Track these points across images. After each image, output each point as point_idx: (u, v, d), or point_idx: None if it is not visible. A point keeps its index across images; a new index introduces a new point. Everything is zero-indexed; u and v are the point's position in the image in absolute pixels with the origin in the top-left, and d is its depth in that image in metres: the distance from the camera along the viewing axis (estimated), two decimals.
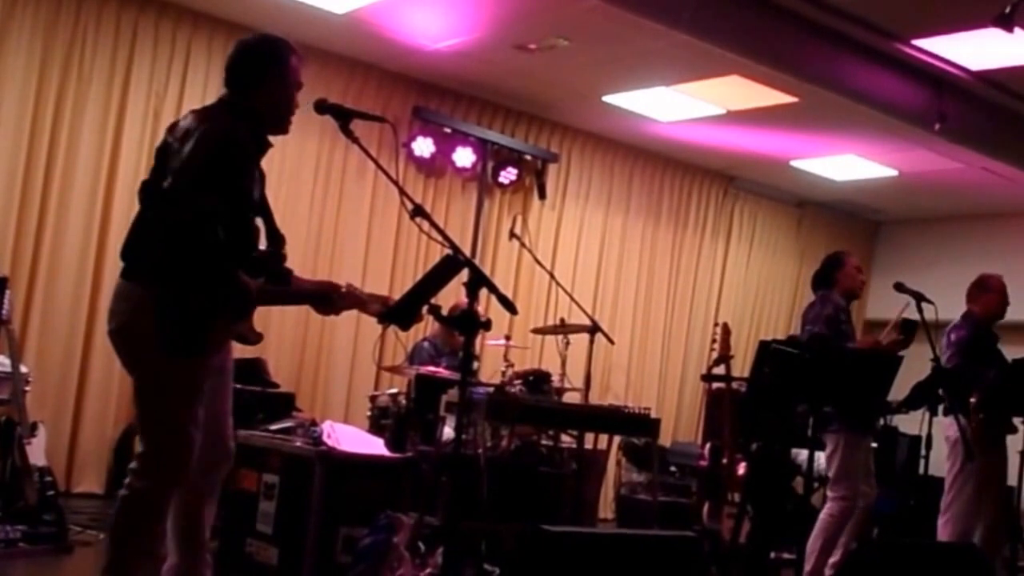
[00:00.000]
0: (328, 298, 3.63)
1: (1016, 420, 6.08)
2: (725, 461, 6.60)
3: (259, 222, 3.53)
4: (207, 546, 3.61)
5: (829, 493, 5.61)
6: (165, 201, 3.20)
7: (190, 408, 3.32)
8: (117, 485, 6.24)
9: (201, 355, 3.31)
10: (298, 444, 5.05)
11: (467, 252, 5.76)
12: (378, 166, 3.56)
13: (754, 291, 10.54)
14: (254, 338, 3.56)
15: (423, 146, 8.13)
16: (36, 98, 6.63)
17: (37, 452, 5.19)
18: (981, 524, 5.93)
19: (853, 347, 5.66)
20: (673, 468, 8.06)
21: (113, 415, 6.90)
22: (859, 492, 5.60)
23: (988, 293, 6.14)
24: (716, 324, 7.09)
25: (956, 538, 5.86)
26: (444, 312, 3.53)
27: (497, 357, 6.95)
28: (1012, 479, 6.07)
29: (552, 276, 6.98)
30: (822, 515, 5.55)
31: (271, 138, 3.53)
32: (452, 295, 4.42)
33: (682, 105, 7.97)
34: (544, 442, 6.26)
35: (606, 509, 8.33)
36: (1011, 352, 6.09)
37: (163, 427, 3.35)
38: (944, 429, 5.84)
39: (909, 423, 7.51)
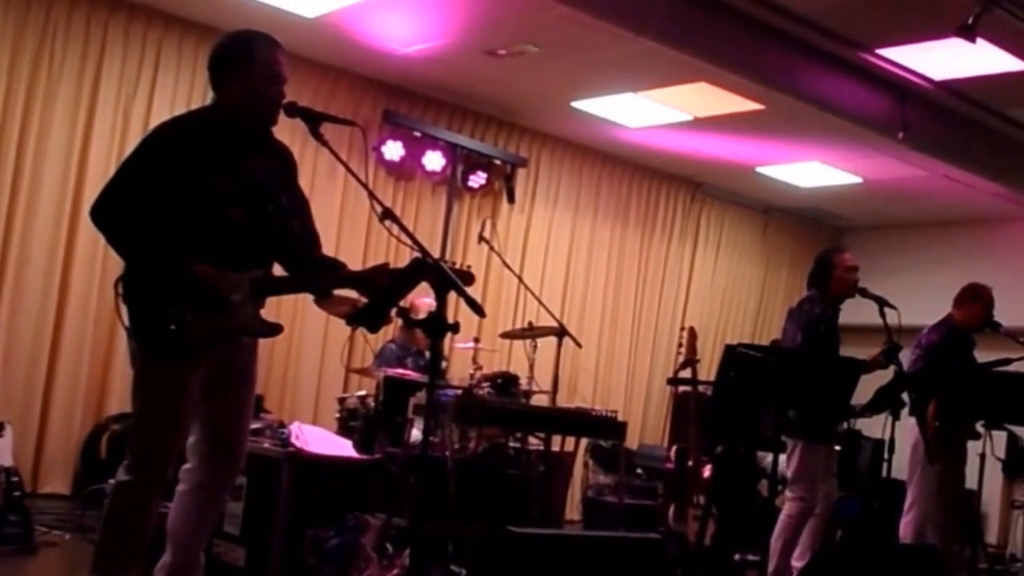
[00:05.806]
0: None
1: (978, 426, 6.16)
2: (691, 464, 6.67)
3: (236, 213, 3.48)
4: (201, 548, 3.59)
5: (788, 494, 5.69)
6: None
7: (168, 411, 3.32)
8: (84, 486, 6.28)
9: (176, 356, 3.27)
10: (266, 445, 5.06)
11: (436, 255, 5.78)
12: (348, 169, 3.55)
13: (720, 296, 10.61)
14: (263, 329, 3.46)
15: (393, 150, 8.13)
16: (5, 97, 6.59)
17: (3, 453, 5.18)
18: (936, 526, 6.02)
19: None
20: (639, 470, 8.12)
21: (80, 416, 6.86)
22: (818, 493, 5.67)
23: (976, 303, 6.18)
24: (683, 328, 7.16)
25: (917, 539, 5.95)
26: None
27: (465, 360, 6.97)
28: (972, 483, 6.17)
29: (520, 279, 7.04)
30: (781, 516, 5.63)
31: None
32: (416, 293, 4.47)
33: (650, 111, 8.03)
34: (512, 444, 6.28)
35: (573, 511, 8.38)
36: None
37: (140, 426, 3.39)
38: (908, 431, 5.92)
39: (872, 427, 7.61)
